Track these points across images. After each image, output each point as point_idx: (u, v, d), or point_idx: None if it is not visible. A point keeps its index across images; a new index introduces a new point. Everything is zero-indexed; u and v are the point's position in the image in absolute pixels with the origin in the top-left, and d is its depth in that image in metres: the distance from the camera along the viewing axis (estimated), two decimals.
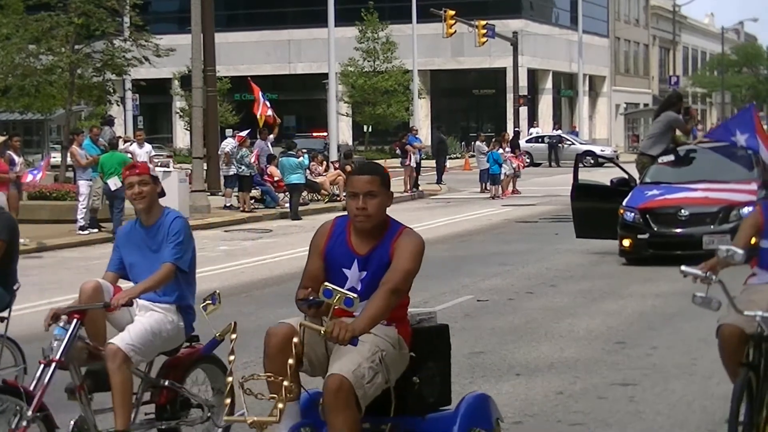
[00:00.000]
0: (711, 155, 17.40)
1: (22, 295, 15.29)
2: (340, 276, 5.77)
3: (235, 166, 28.66)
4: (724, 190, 16.64)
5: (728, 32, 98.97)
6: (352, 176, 5.74)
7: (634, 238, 16.51)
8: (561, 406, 8.28)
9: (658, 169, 17.70)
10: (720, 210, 16.34)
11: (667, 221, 16.55)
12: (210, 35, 31.95)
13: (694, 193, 16.75)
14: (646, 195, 16.88)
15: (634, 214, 16.51)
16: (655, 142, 18.01)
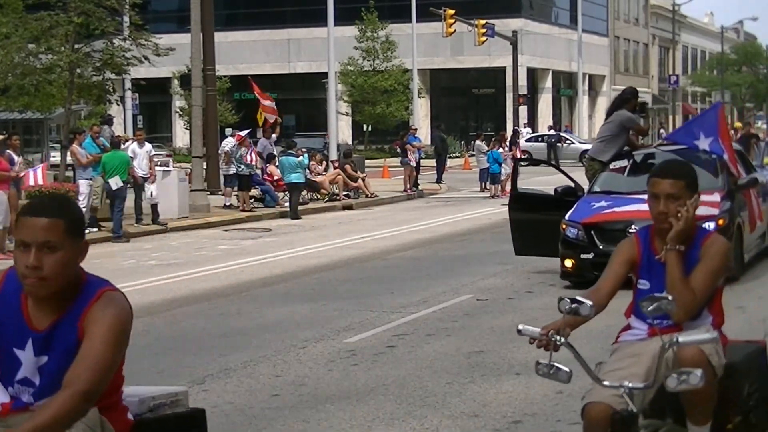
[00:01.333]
0: (677, 159, 16.86)
1: None
2: (9, 360, 3.99)
3: (234, 166, 28.66)
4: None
5: (728, 31, 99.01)
6: (20, 218, 3.93)
7: (577, 258, 14.21)
8: (561, 406, 8.29)
9: (609, 177, 15.62)
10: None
11: (615, 238, 14.83)
12: (209, 34, 31.94)
13: (645, 205, 15.82)
14: (592, 207, 14.66)
15: (578, 230, 14.28)
16: (607, 146, 15.83)
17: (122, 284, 16.43)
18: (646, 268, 5.40)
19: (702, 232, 5.46)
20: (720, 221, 13.73)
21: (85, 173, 23.18)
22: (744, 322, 11.58)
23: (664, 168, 5.44)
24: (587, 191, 15.44)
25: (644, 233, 5.50)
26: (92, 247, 19.73)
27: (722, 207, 14.13)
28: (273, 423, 8.14)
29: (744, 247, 14.81)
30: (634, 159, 15.66)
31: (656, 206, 5.33)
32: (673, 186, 5.29)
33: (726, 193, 14.53)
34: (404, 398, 8.67)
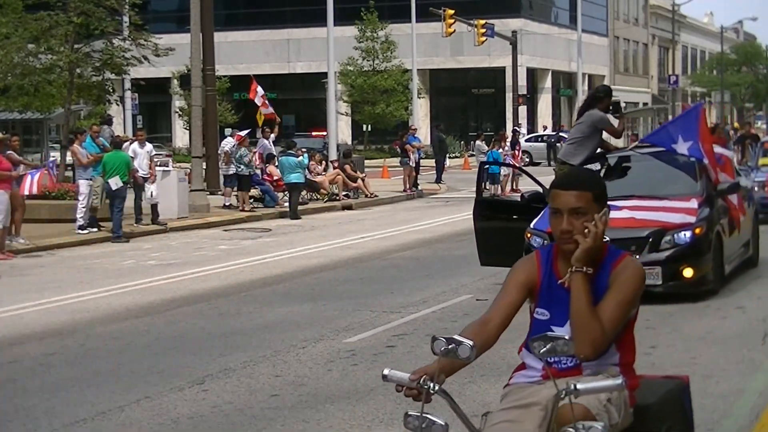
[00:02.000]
0: (650, 163, 14.51)
1: (22, 294, 15.34)
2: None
3: (234, 166, 28.66)
4: (655, 208, 13.35)
5: (727, 31, 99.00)
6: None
7: None
8: None
9: None
10: (649, 235, 12.84)
11: None
12: (209, 34, 31.93)
13: (617, 213, 12.62)
14: None
15: (543, 240, 12.98)
16: (578, 148, 14.74)
17: (122, 284, 16.50)
18: (546, 295, 4.50)
19: (613, 254, 4.50)
20: (697, 230, 12.92)
21: (85, 173, 23.18)
22: (744, 322, 11.59)
23: (567, 178, 4.52)
24: None
25: (546, 252, 4.57)
26: (92, 247, 19.67)
27: (699, 214, 13.19)
28: (273, 423, 8.14)
29: (724, 257, 13.65)
30: (608, 162, 14.81)
31: (558, 223, 4.41)
32: (578, 198, 4.39)
33: (704, 199, 13.62)
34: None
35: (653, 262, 12.55)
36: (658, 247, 12.77)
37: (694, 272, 12.77)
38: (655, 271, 12.50)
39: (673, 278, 12.70)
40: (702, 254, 12.90)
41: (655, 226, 12.90)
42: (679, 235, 12.83)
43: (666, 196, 13.68)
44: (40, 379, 9.91)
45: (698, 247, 12.86)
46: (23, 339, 12.03)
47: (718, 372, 9.25)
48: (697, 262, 12.83)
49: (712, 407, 8.13)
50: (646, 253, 12.64)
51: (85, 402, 8.98)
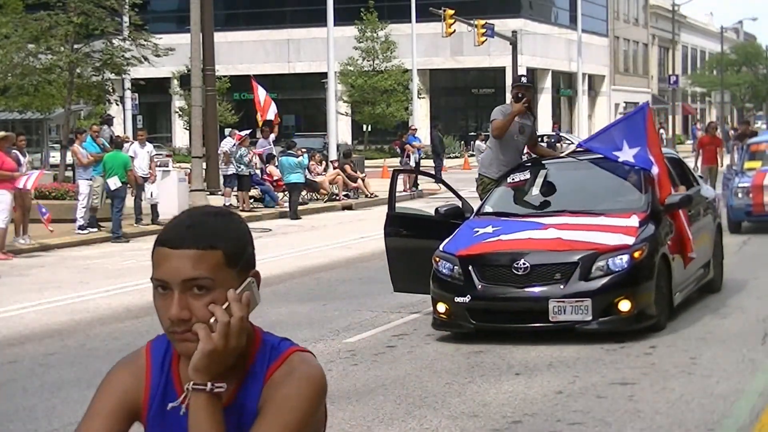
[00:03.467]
0: (589, 172, 12.51)
1: (22, 294, 15.34)
2: None
3: (234, 166, 28.66)
4: (588, 227, 11.19)
5: (727, 31, 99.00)
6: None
7: (451, 303, 10.93)
8: (560, 406, 8.29)
9: (506, 194, 12.44)
10: (578, 259, 10.71)
11: (498, 277, 10.91)
12: (209, 34, 31.94)
13: (542, 232, 11.17)
14: (474, 234, 11.41)
15: (452, 265, 11.03)
16: (494, 157, 12.89)
17: (122, 284, 16.51)
18: (158, 423, 2.61)
19: (269, 353, 2.57)
20: (636, 253, 10.80)
21: (86, 173, 23.19)
22: (744, 322, 11.59)
23: (178, 228, 2.51)
24: (475, 212, 12.27)
25: (162, 350, 2.65)
26: (92, 247, 19.71)
27: (640, 234, 11.05)
28: None
29: (673, 284, 11.54)
30: (540, 171, 12.86)
31: (166, 306, 2.48)
32: (196, 263, 2.47)
33: (648, 216, 11.47)
34: (404, 398, 8.67)
35: (582, 293, 10.53)
36: (589, 275, 10.62)
37: (633, 305, 10.59)
38: (585, 305, 10.47)
39: (606, 312, 10.55)
40: (642, 283, 10.76)
41: (585, 248, 10.76)
42: (615, 259, 10.71)
43: (603, 212, 11.59)
44: (40, 379, 9.91)
45: (637, 274, 10.75)
46: (23, 339, 12.03)
47: (718, 372, 9.25)
48: (636, 293, 10.67)
49: (712, 407, 8.14)
50: (574, 281, 10.60)
51: (85, 402, 8.91)
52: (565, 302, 10.50)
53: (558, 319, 10.52)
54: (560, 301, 10.51)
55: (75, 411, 8.70)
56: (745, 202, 20.05)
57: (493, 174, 12.71)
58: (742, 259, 16.83)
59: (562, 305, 10.51)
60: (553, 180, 12.61)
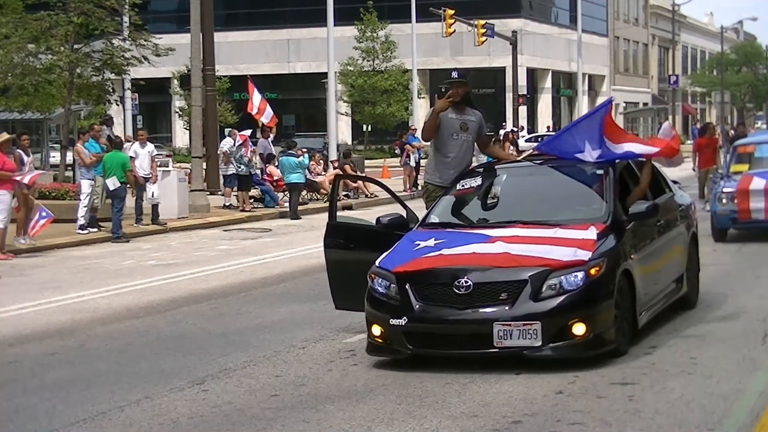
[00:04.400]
0: (547, 178, 11.31)
1: (22, 294, 15.34)
2: None
3: (234, 166, 28.67)
4: (541, 240, 9.92)
5: (727, 31, 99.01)
6: None
7: (386, 324, 9.72)
8: (560, 406, 8.29)
9: (452, 203, 11.17)
10: (529, 277, 9.49)
11: (438, 296, 9.64)
12: (209, 34, 31.94)
13: (488, 246, 9.91)
14: (414, 248, 10.12)
15: (388, 282, 9.85)
16: (438, 162, 11.68)
17: (122, 284, 16.52)
18: None
19: None
20: (592, 270, 9.57)
21: (88, 173, 23.21)
22: (744, 322, 11.58)
23: None
24: (420, 222, 11.02)
25: None
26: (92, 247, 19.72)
27: (598, 248, 9.77)
28: (273, 423, 8.14)
29: (638, 303, 10.29)
30: (489, 174, 11.47)
31: None
32: None
33: (608, 227, 10.21)
34: (404, 398, 8.66)
35: (531, 315, 9.31)
36: (539, 295, 9.42)
37: (588, 328, 9.39)
38: (534, 328, 9.26)
39: (558, 337, 9.36)
40: (599, 303, 9.54)
41: (535, 265, 9.54)
42: (568, 277, 9.48)
43: (559, 224, 10.32)
44: (40, 379, 9.91)
45: (594, 293, 9.53)
46: (23, 339, 12.03)
47: (718, 372, 9.25)
48: (593, 315, 9.47)
49: (712, 407, 8.14)
50: (522, 302, 9.37)
51: (85, 402, 8.98)
52: (512, 326, 9.27)
53: (504, 344, 9.27)
54: (506, 325, 9.28)
55: (75, 411, 8.70)
56: (730, 209, 18.68)
57: (437, 180, 11.54)
58: (742, 258, 16.81)
59: (508, 329, 9.27)
60: (506, 187, 11.30)
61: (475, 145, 11.72)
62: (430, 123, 11.40)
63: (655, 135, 20.58)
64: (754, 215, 18.59)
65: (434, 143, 11.52)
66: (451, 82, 11.37)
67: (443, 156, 11.48)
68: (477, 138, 11.60)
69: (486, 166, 11.81)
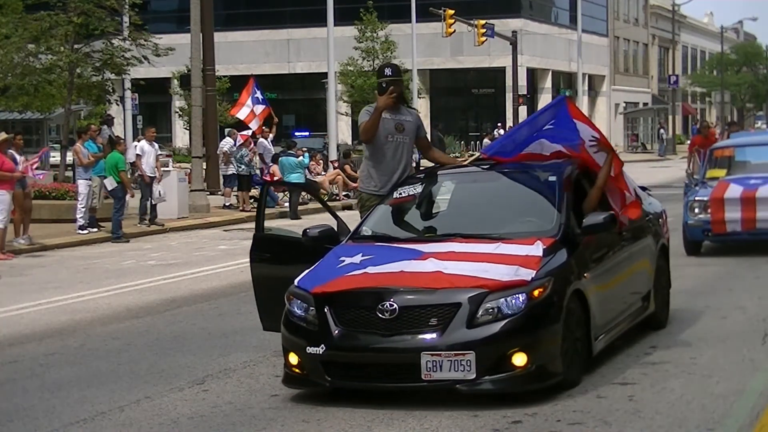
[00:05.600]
0: (496, 185, 10.24)
1: (22, 294, 15.35)
2: None
3: (234, 166, 28.68)
4: (480, 257, 8.78)
5: (727, 31, 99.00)
6: None
7: (303, 352, 8.61)
8: (560, 405, 8.29)
9: (388, 213, 10.02)
10: (462, 300, 8.33)
11: (360, 321, 8.52)
12: (209, 34, 31.96)
13: (418, 264, 8.78)
14: (337, 265, 9.00)
15: (307, 305, 8.71)
16: (372, 167, 10.48)
17: (122, 284, 16.50)
18: None
19: None
20: (535, 291, 8.42)
21: (85, 174, 23.21)
22: (744, 322, 11.59)
23: None
24: (349, 235, 9.88)
25: None
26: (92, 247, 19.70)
27: (544, 266, 8.64)
28: (273, 423, 8.14)
29: (593, 327, 9.10)
30: (430, 181, 10.41)
31: None
32: None
33: (557, 242, 9.04)
34: (404, 398, 8.66)
35: (464, 343, 8.18)
36: (474, 320, 8.26)
37: (529, 358, 8.27)
38: (467, 359, 8.14)
39: (495, 369, 8.23)
40: (542, 329, 8.40)
41: (471, 285, 8.38)
42: (508, 299, 8.34)
43: (503, 237, 9.18)
44: (40, 379, 9.91)
45: (537, 318, 8.39)
46: (23, 339, 12.04)
47: (718, 372, 9.25)
48: (535, 343, 8.34)
49: (712, 407, 8.14)
50: (454, 329, 8.23)
51: (85, 402, 8.98)
52: (442, 356, 8.13)
53: (433, 377, 8.18)
54: (435, 355, 8.15)
55: (75, 411, 8.70)
56: (703, 219, 16.86)
57: (371, 188, 10.37)
58: (743, 257, 16.79)
59: (438, 360, 8.14)
60: (448, 195, 10.30)
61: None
62: (373, 122, 10.21)
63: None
64: (730, 227, 16.79)
65: (368, 147, 10.41)
66: (388, 79, 10.33)
67: (377, 160, 10.34)
68: (416, 140, 10.55)
69: (427, 172, 10.64)
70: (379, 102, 10.23)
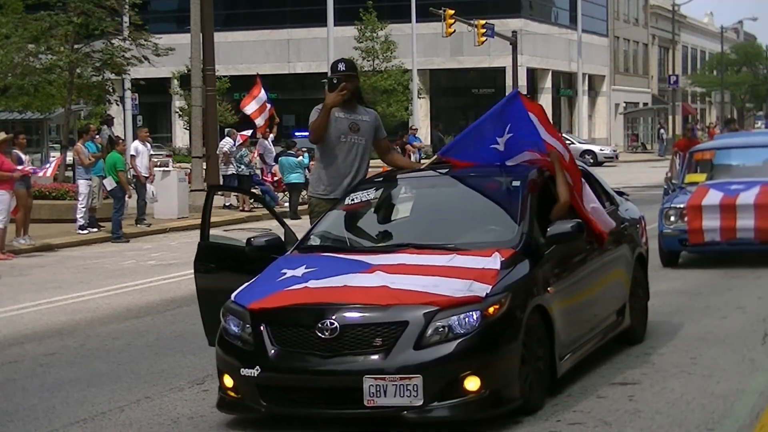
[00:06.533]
0: (454, 191, 9.41)
1: (22, 294, 15.34)
2: None
3: (234, 166, 28.67)
4: (430, 269, 7.99)
5: (727, 31, 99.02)
6: None
7: (238, 375, 7.82)
8: (560, 405, 8.29)
9: (339, 221, 9.21)
10: (410, 318, 7.56)
11: (299, 341, 7.73)
12: (209, 34, 31.91)
13: (364, 277, 8.00)
14: (279, 278, 8.23)
15: (243, 322, 7.93)
16: (322, 170, 9.72)
17: (122, 284, 16.50)
18: None
19: None
20: (490, 308, 7.65)
21: (86, 174, 23.22)
22: (744, 322, 11.59)
23: None
24: (296, 244, 9.10)
25: None
26: (92, 247, 19.68)
27: (501, 280, 7.88)
28: (275, 423, 8.13)
29: (558, 346, 8.36)
30: (385, 186, 9.65)
31: None
32: None
33: (517, 254, 8.26)
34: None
35: (411, 366, 7.41)
36: (422, 341, 7.49)
37: (483, 383, 7.51)
38: (414, 383, 7.37)
39: (445, 394, 7.49)
40: (498, 350, 7.63)
41: (419, 302, 7.62)
42: (460, 317, 7.56)
43: (459, 248, 8.39)
44: (40, 379, 9.91)
45: (492, 338, 7.60)
46: (23, 339, 12.04)
47: (718, 372, 9.25)
48: (489, 366, 7.58)
49: (712, 407, 8.14)
50: (400, 350, 7.46)
51: (85, 402, 8.98)
52: (386, 380, 7.37)
53: (376, 403, 7.43)
54: (379, 378, 7.39)
55: (75, 411, 8.70)
56: (680, 228, 15.60)
57: (320, 192, 9.57)
58: (743, 257, 16.78)
59: (382, 384, 7.38)
60: (404, 202, 9.52)
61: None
62: (320, 122, 9.46)
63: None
64: (708, 236, 15.50)
65: (318, 148, 9.62)
66: (341, 74, 9.55)
67: (328, 162, 9.55)
68: (374, 141, 9.88)
69: (382, 177, 9.87)
70: (327, 99, 9.46)
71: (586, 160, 59.20)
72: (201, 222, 9.42)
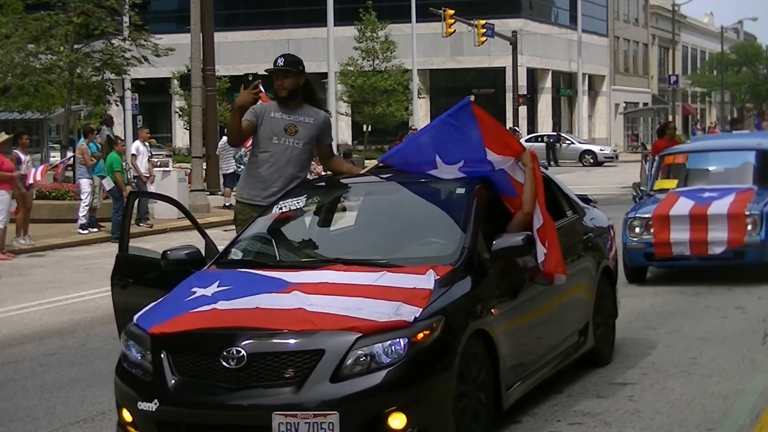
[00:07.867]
0: (396, 197, 8.50)
1: (22, 294, 15.35)
2: None
3: (234, 166, 28.68)
4: (354, 289, 7.03)
5: (727, 31, 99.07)
6: None
7: (135, 408, 6.84)
8: (560, 405, 8.29)
9: (261, 230, 8.30)
10: (327, 346, 6.60)
11: (202, 371, 6.76)
12: (209, 34, 31.95)
13: (279, 298, 7.05)
14: (186, 298, 7.27)
15: (143, 349, 6.97)
16: (252, 173, 8.86)
17: None
18: None
19: None
20: (419, 335, 6.67)
21: (88, 173, 23.25)
22: (744, 322, 11.59)
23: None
24: (214, 258, 8.17)
25: None
26: (92, 247, 19.67)
27: (434, 301, 6.89)
28: None
29: (503, 374, 7.35)
30: (319, 193, 8.84)
31: None
32: None
33: (456, 270, 7.29)
34: None
35: (327, 402, 6.45)
36: (340, 372, 6.52)
37: (411, 420, 6.55)
38: (330, 421, 6.41)
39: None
40: (428, 382, 6.64)
41: (338, 327, 6.65)
42: (384, 345, 6.59)
43: (390, 264, 7.43)
44: (40, 379, 9.91)
45: (420, 368, 6.62)
46: (23, 339, 12.04)
47: (718, 372, 9.26)
48: (418, 401, 6.60)
49: (712, 407, 8.14)
50: (315, 382, 6.49)
51: (85, 402, 8.98)
52: (298, 416, 6.43)
53: None
54: (290, 416, 6.43)
55: (75, 411, 8.70)
56: (645, 240, 14.10)
57: (244, 196, 8.74)
58: None
59: (293, 422, 6.43)
60: (338, 211, 8.63)
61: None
62: (231, 122, 8.65)
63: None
64: (677, 250, 14.01)
65: (252, 150, 8.79)
66: (275, 70, 8.71)
67: (256, 165, 8.64)
68: (316, 145, 8.82)
69: (317, 182, 9.23)
70: (239, 97, 8.63)
71: (586, 160, 59.38)
72: (120, 232, 8.70)
